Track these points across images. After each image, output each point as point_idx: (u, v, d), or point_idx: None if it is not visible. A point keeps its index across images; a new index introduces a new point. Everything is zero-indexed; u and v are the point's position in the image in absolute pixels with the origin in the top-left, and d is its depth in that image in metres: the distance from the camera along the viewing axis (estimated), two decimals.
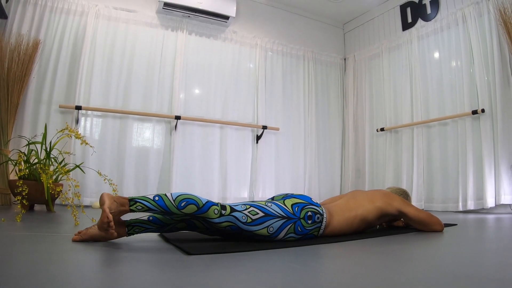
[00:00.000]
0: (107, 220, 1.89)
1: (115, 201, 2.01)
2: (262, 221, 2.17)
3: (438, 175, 6.29)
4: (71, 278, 1.31)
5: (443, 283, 1.34)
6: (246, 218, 2.13)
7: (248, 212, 2.16)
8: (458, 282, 1.33)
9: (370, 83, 7.93)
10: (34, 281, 1.22)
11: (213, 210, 2.06)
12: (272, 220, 2.20)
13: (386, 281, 1.40)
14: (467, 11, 5.98)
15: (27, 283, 1.18)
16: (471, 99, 5.83)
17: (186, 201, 2.01)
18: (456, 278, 1.39)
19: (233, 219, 2.10)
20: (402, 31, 7.30)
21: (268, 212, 2.22)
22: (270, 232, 2.20)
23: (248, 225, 2.14)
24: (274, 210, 2.25)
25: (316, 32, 8.52)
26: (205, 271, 1.50)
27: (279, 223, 2.23)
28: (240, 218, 2.12)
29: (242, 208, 2.16)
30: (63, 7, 6.00)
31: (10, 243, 2.07)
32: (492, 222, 4.07)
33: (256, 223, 2.15)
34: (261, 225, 2.17)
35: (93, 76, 6.04)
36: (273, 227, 2.20)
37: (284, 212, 2.28)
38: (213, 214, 2.06)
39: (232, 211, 2.11)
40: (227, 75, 7.19)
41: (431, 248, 2.29)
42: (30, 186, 3.84)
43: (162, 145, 6.51)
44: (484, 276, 1.43)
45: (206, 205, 2.05)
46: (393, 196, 2.78)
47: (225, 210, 2.10)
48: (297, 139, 7.77)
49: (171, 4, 6.58)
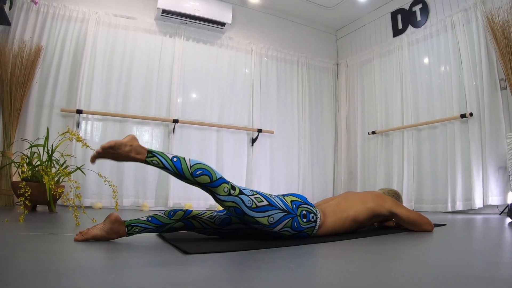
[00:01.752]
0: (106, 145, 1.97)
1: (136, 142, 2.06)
2: (266, 209, 2.19)
3: (427, 177, 6.31)
4: (73, 276, 1.31)
5: (432, 282, 1.34)
6: (252, 203, 2.14)
7: (254, 198, 2.17)
8: (447, 281, 1.34)
9: (362, 87, 7.94)
10: (37, 278, 1.22)
11: (223, 188, 2.08)
12: (274, 211, 2.22)
13: (377, 279, 1.41)
14: (456, 18, 6.00)
15: (31, 281, 1.18)
16: (459, 103, 5.85)
17: (202, 170, 2.05)
18: (445, 277, 1.40)
19: (239, 201, 2.11)
20: (393, 37, 7.32)
21: (272, 202, 2.23)
22: (270, 221, 2.20)
23: (253, 210, 2.15)
24: (277, 202, 2.26)
25: (310, 38, 8.54)
26: (202, 269, 1.50)
27: (280, 215, 2.24)
28: (246, 202, 2.13)
29: (250, 193, 2.18)
30: (64, 14, 6.01)
31: (14, 243, 2.07)
32: (480, 223, 4.08)
33: (259, 210, 2.16)
34: (264, 213, 2.18)
35: (94, 81, 6.05)
36: (273, 218, 2.21)
37: (285, 206, 2.29)
38: (222, 191, 2.08)
39: (240, 193, 2.13)
40: (223, 80, 7.20)
41: (421, 247, 2.30)
42: (33, 188, 3.84)
43: (160, 148, 6.50)
44: (472, 275, 1.43)
45: (218, 180, 2.08)
46: (385, 197, 2.79)
47: (234, 191, 2.12)
48: (291, 141, 7.79)
49: (169, 11, 6.61)
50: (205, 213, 2.40)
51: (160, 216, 2.29)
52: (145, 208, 5.96)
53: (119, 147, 1.97)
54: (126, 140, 2.01)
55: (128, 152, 2.00)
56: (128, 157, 2.01)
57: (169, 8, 6.59)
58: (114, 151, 1.97)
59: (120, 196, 5.94)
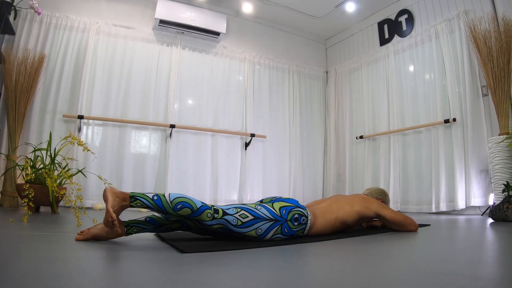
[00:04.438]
0: (111, 219, 1.93)
1: (117, 196, 2.03)
2: (251, 223, 2.18)
3: (413, 179, 6.33)
4: (75, 274, 1.31)
5: (417, 279, 1.35)
6: (237, 221, 2.13)
7: (238, 215, 2.16)
8: (431, 278, 1.34)
9: (350, 94, 7.96)
10: (40, 276, 1.22)
11: (207, 214, 2.06)
12: (260, 223, 2.21)
13: (365, 276, 1.41)
14: (440, 28, 6.04)
15: (34, 279, 1.18)
16: (443, 109, 5.88)
17: (182, 204, 2.02)
18: (429, 274, 1.40)
19: (224, 222, 2.10)
20: (380, 46, 7.36)
21: (257, 215, 2.22)
22: (258, 233, 2.20)
23: (239, 227, 2.14)
24: (263, 213, 2.25)
25: (300, 47, 8.56)
26: (197, 267, 1.50)
27: (267, 225, 2.23)
28: (231, 221, 2.12)
29: (234, 211, 2.16)
30: (66, 24, 6.01)
31: (18, 242, 2.06)
32: (463, 223, 4.09)
33: (245, 225, 2.16)
34: (250, 227, 2.17)
35: (94, 88, 6.05)
36: (261, 229, 2.21)
37: (272, 215, 2.28)
38: (206, 217, 2.06)
39: (224, 214, 2.11)
40: (218, 87, 7.21)
41: (406, 246, 2.30)
42: (36, 190, 3.82)
43: (158, 152, 6.52)
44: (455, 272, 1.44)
45: (200, 209, 2.05)
46: (371, 200, 2.80)
47: (218, 214, 2.10)
48: (283, 146, 7.79)
49: (166, 21, 6.63)
50: None
51: (157, 217, 2.30)
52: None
53: (114, 207, 1.99)
54: (111, 199, 2.01)
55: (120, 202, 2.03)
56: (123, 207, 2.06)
57: (166, 18, 6.61)
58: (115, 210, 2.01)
59: None
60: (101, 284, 1.19)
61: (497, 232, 3.13)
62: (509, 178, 4.46)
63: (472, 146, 5.39)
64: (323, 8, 7.51)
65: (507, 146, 4.52)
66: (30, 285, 1.11)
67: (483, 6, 5.46)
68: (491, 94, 4.99)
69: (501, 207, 4.11)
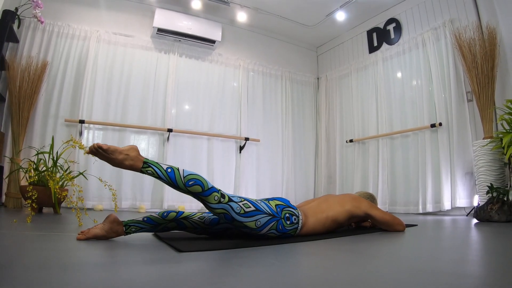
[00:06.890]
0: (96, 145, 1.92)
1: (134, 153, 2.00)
2: (253, 214, 2.18)
3: (400, 181, 6.34)
4: (76, 272, 1.31)
5: (404, 277, 1.35)
6: (240, 209, 2.13)
7: (242, 204, 2.16)
8: (418, 276, 1.35)
9: (340, 99, 7.98)
10: (43, 273, 1.23)
11: (214, 196, 2.05)
12: (261, 215, 2.21)
13: (354, 274, 1.41)
14: (426, 36, 6.07)
15: (37, 276, 1.19)
16: (430, 114, 5.91)
17: (194, 181, 2.02)
18: (416, 272, 1.41)
19: (229, 208, 2.09)
20: (369, 54, 7.38)
21: (258, 207, 2.22)
22: (257, 225, 2.20)
23: (241, 215, 2.13)
24: (263, 207, 2.26)
25: (293, 54, 8.59)
26: (194, 266, 1.50)
27: (266, 218, 2.23)
28: (235, 209, 2.11)
29: (238, 200, 2.16)
30: (68, 32, 6.02)
31: (22, 241, 2.06)
32: (448, 223, 4.09)
33: (247, 215, 2.15)
34: (251, 218, 2.17)
35: (95, 93, 6.06)
36: (260, 222, 2.20)
37: (270, 210, 2.29)
38: (213, 200, 2.05)
39: (229, 200, 2.10)
40: (213, 92, 7.23)
41: (394, 246, 2.30)
42: (39, 191, 3.82)
43: (156, 155, 6.52)
44: (441, 271, 1.44)
45: (210, 189, 2.04)
46: (361, 200, 2.79)
47: (224, 199, 2.09)
48: (276, 149, 7.82)
49: (164, 29, 6.65)
50: (196, 214, 2.42)
51: (154, 217, 2.30)
52: (142, 210, 5.95)
53: (113, 153, 1.93)
54: (123, 149, 1.96)
55: (122, 160, 1.95)
56: (122, 164, 1.96)
57: (164, 27, 6.63)
58: (107, 155, 1.93)
59: (119, 199, 5.96)
60: (101, 281, 1.19)
61: (481, 232, 3.14)
62: (493, 180, 4.47)
63: (457, 150, 5.42)
64: (315, 17, 7.54)
65: (491, 149, 4.54)
66: (34, 281, 1.11)
67: (468, 15, 5.50)
68: (475, 99, 5.01)
69: (485, 208, 4.13)
